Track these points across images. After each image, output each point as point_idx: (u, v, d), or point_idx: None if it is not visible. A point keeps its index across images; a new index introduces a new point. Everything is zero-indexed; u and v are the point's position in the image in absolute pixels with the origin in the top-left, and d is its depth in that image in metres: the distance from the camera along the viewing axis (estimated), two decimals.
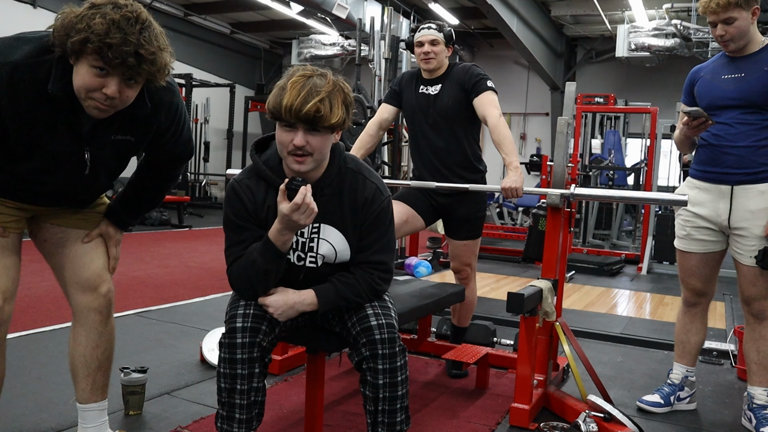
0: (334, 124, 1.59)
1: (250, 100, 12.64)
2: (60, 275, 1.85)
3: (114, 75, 1.47)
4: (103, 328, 1.84)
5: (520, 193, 2.53)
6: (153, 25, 1.51)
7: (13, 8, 9.96)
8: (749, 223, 2.36)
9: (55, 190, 1.73)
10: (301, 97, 1.55)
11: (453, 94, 2.76)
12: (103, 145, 1.67)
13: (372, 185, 1.76)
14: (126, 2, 1.49)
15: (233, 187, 1.74)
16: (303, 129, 1.58)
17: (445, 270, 5.71)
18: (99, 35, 1.41)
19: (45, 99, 1.53)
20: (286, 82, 1.59)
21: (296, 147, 1.59)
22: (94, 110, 1.54)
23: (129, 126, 1.67)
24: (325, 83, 1.59)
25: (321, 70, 1.63)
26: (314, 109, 1.55)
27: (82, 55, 1.46)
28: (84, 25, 1.42)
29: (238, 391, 1.66)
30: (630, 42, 10.49)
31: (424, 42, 2.78)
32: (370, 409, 1.72)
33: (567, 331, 2.56)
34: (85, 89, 1.49)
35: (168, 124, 1.74)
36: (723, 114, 2.40)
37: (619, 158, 8.74)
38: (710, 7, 2.31)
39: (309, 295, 1.73)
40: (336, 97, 1.59)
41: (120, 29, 1.43)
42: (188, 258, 6.02)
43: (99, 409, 1.89)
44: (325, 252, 1.77)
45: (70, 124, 1.59)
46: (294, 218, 1.58)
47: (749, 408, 2.45)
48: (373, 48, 7.98)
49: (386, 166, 6.59)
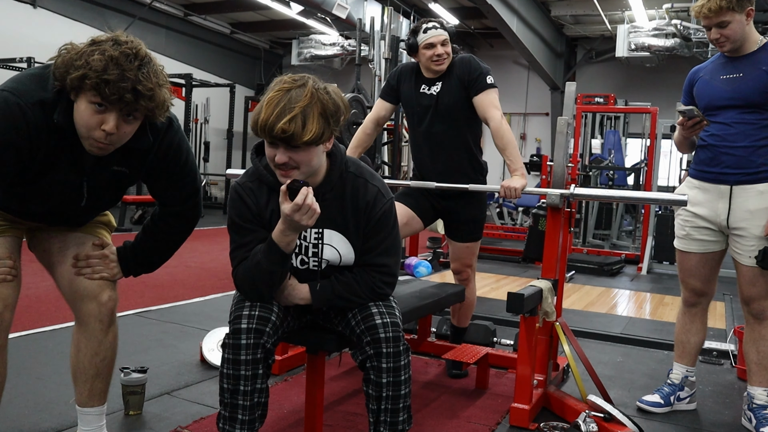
0: (308, 141, 1.54)
1: (250, 100, 12.65)
2: (61, 285, 1.84)
3: (112, 111, 1.49)
4: (104, 337, 1.83)
5: (519, 194, 2.52)
6: (153, 61, 1.53)
7: (13, 8, 9.95)
8: (748, 223, 2.36)
9: (49, 213, 1.74)
10: (274, 116, 1.52)
11: (454, 93, 2.71)
12: (101, 178, 1.69)
13: (374, 188, 1.76)
14: (126, 39, 1.51)
15: (236, 190, 1.74)
16: (283, 146, 1.57)
17: (445, 270, 5.71)
18: (97, 71, 1.43)
19: (53, 131, 1.55)
20: (265, 97, 1.57)
21: (277, 164, 1.59)
22: (95, 149, 1.56)
23: (126, 158, 1.68)
24: (301, 97, 1.54)
25: (304, 78, 1.59)
26: (281, 130, 1.52)
27: (81, 92, 1.48)
28: (83, 61, 1.45)
29: (242, 392, 1.66)
30: (630, 42, 10.50)
31: (435, 43, 2.67)
32: (372, 408, 1.73)
33: (567, 331, 2.56)
34: (85, 127, 1.51)
35: (163, 156, 1.73)
36: (721, 114, 2.40)
37: (619, 158, 8.74)
38: (703, 12, 2.32)
39: (303, 290, 1.74)
40: (312, 110, 1.54)
41: (118, 65, 1.44)
42: (188, 258, 6.02)
43: (96, 413, 1.89)
44: (330, 256, 1.77)
45: (73, 157, 1.61)
46: (296, 219, 1.57)
47: (749, 408, 2.45)
48: (373, 48, 7.99)
49: (386, 166, 6.59)
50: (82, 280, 1.80)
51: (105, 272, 1.82)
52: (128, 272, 1.88)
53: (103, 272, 1.81)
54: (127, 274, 1.89)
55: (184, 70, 10.89)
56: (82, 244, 1.83)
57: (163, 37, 12.44)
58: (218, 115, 12.41)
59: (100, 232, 1.90)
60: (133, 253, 1.88)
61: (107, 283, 1.82)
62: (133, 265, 1.88)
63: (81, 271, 1.80)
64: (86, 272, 1.80)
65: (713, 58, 2.53)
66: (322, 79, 1.65)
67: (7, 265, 1.69)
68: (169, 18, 12.67)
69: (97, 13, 10.96)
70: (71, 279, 1.80)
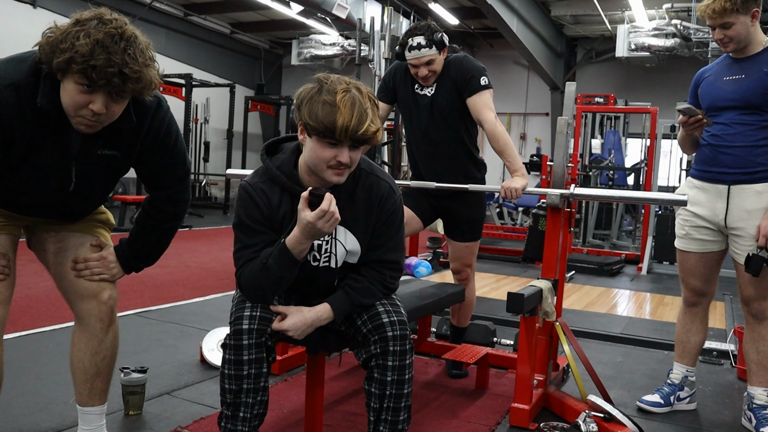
0: (378, 141, 1.63)
1: (250, 100, 12.64)
2: (61, 284, 1.83)
3: (99, 91, 1.48)
4: (104, 336, 1.83)
5: (519, 194, 2.53)
6: (138, 40, 1.51)
7: (13, 8, 9.96)
8: (746, 223, 2.36)
9: (41, 203, 1.73)
10: (356, 118, 1.56)
11: (449, 94, 2.70)
12: (89, 161, 1.67)
13: (386, 185, 1.78)
14: (111, 17, 1.49)
15: (247, 189, 1.72)
16: (348, 146, 1.60)
17: (445, 270, 5.71)
18: (83, 56, 1.42)
19: (37, 114, 1.53)
20: (335, 100, 1.57)
21: (340, 163, 1.60)
22: (83, 127, 1.55)
23: (115, 140, 1.66)
24: (363, 98, 1.60)
25: (349, 80, 1.63)
26: (370, 131, 1.58)
27: (67, 73, 1.46)
28: (68, 44, 1.43)
29: (245, 390, 1.66)
30: (630, 42, 10.51)
31: (418, 65, 2.63)
32: (374, 406, 1.73)
33: (567, 331, 2.56)
34: (72, 107, 1.50)
35: (154, 137, 1.72)
36: (722, 115, 2.41)
37: (619, 158, 8.74)
38: (707, 13, 2.33)
39: (325, 310, 1.73)
40: (375, 111, 1.62)
41: (104, 49, 1.43)
42: (188, 258, 6.02)
43: (97, 413, 1.89)
44: (337, 252, 1.78)
45: (60, 140, 1.59)
46: (318, 226, 1.58)
47: (749, 408, 2.45)
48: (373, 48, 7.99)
49: (386, 166, 6.59)
50: (81, 279, 1.79)
51: (105, 274, 1.81)
52: (129, 269, 1.87)
53: (102, 274, 1.81)
54: (129, 270, 1.88)
55: (184, 70, 10.86)
56: (81, 245, 1.82)
57: (163, 37, 12.44)
58: (218, 115, 12.40)
59: (99, 231, 1.89)
60: (130, 248, 1.86)
61: (107, 282, 1.82)
62: (133, 261, 1.87)
63: (80, 273, 1.79)
64: (85, 274, 1.79)
65: (719, 59, 2.53)
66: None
67: (1, 264, 1.69)
68: (169, 18, 12.66)
69: None
70: (71, 279, 1.80)
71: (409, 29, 2.69)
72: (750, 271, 2.31)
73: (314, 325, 1.72)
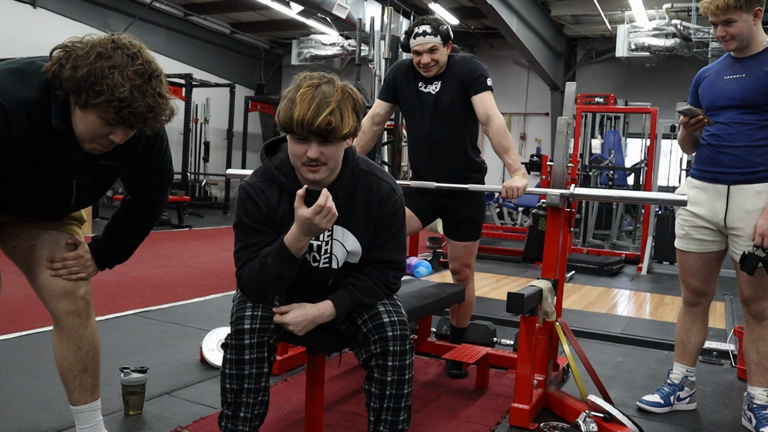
0: (346, 134, 1.59)
1: (250, 100, 12.65)
2: (34, 282, 1.80)
3: (123, 125, 1.49)
4: (84, 330, 1.82)
5: (521, 193, 2.53)
6: (161, 74, 1.52)
7: (13, 8, 9.95)
8: (745, 222, 2.36)
9: (35, 210, 1.73)
10: (312, 110, 1.54)
11: (453, 93, 2.71)
12: (88, 172, 1.68)
13: (386, 185, 1.78)
14: (128, 43, 1.48)
15: (246, 189, 1.73)
16: (316, 141, 1.58)
17: (445, 270, 5.71)
18: (122, 101, 1.42)
19: (47, 133, 1.53)
20: (295, 94, 1.57)
21: (310, 159, 1.59)
22: (96, 151, 1.57)
23: (113, 152, 1.66)
24: (334, 91, 1.58)
25: (328, 75, 1.62)
26: (326, 123, 1.54)
27: (95, 108, 1.45)
28: (104, 86, 1.41)
29: (246, 390, 1.66)
30: (630, 42, 10.50)
31: (421, 52, 2.67)
32: (374, 406, 1.73)
33: (567, 331, 2.56)
34: (90, 136, 1.51)
35: (150, 146, 1.73)
36: (722, 114, 2.41)
37: (619, 158, 8.75)
38: (710, 9, 2.33)
39: (327, 306, 1.73)
40: (346, 105, 1.58)
41: (141, 94, 1.44)
42: (188, 258, 6.02)
43: (91, 410, 1.88)
44: (337, 252, 1.78)
45: (63, 155, 1.59)
46: (315, 221, 1.57)
47: (749, 408, 2.45)
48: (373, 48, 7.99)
49: (386, 166, 6.59)
50: (57, 278, 1.78)
51: (82, 272, 1.81)
52: (103, 266, 1.88)
53: (80, 273, 1.80)
54: (102, 267, 1.88)
55: (184, 70, 10.88)
56: (56, 244, 1.80)
57: (163, 37, 12.44)
58: (218, 115, 12.40)
59: (72, 229, 1.87)
60: (106, 246, 1.88)
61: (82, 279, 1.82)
62: (108, 258, 1.88)
63: (58, 273, 1.78)
64: (62, 274, 1.78)
65: (721, 58, 2.53)
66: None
67: None
68: (169, 18, 12.66)
69: (97, 13, 10.96)
70: (46, 278, 1.77)
71: (416, 20, 2.74)
72: (745, 269, 2.31)
73: (316, 321, 1.72)
